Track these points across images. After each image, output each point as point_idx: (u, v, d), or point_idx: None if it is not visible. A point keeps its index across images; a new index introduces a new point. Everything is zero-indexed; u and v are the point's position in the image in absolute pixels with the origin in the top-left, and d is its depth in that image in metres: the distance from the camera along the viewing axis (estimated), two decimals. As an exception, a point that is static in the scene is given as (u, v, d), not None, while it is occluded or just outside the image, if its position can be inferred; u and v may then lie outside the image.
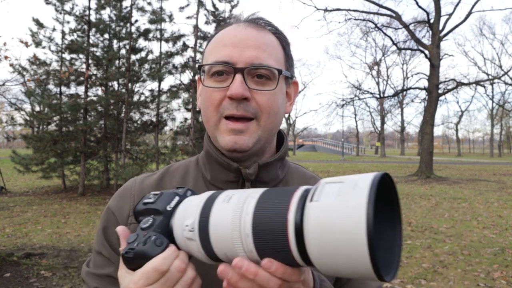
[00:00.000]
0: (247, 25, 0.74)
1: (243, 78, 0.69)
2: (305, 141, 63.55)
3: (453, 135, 58.91)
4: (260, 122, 0.72)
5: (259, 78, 0.71)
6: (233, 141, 0.71)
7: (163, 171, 0.86)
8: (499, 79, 20.81)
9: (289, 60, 0.78)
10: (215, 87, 0.72)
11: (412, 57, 40.83)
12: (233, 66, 0.70)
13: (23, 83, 10.86)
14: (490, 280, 4.22)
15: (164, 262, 0.54)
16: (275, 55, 0.74)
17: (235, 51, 0.70)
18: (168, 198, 0.60)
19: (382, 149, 41.32)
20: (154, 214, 0.59)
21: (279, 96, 0.74)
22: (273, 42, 0.75)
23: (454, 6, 16.18)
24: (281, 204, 0.47)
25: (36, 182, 13.46)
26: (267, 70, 0.71)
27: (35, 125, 12.18)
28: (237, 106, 0.70)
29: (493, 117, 44.41)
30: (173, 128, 12.36)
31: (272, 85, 0.72)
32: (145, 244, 0.55)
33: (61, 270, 4.42)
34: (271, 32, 0.76)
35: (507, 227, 6.80)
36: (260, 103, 0.71)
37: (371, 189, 0.40)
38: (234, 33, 0.72)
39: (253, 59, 0.70)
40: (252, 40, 0.71)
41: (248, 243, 0.48)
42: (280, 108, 0.75)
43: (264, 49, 0.72)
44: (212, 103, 0.72)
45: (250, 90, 0.70)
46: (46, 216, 7.76)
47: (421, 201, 9.79)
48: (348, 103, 22.56)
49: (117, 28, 11.95)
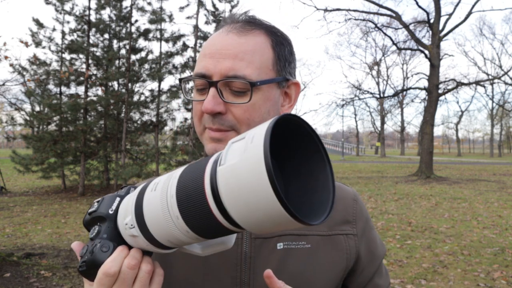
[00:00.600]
0: (229, 31, 0.71)
1: (218, 91, 0.68)
2: (305, 141, 63.33)
3: (453, 135, 58.97)
4: (240, 132, 0.70)
5: (235, 90, 0.69)
6: (213, 149, 0.71)
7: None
8: (499, 79, 20.81)
9: (282, 62, 0.74)
10: (196, 100, 0.72)
11: (412, 57, 40.87)
12: (208, 80, 0.68)
13: (23, 83, 10.86)
14: (490, 280, 4.21)
15: (112, 265, 0.53)
16: (257, 62, 0.70)
17: (211, 62, 0.69)
18: (109, 202, 0.60)
19: (382, 149, 41.32)
20: (99, 222, 0.59)
21: (262, 105, 0.71)
22: (257, 46, 0.70)
23: (454, 6, 16.19)
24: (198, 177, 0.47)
25: (36, 182, 13.46)
26: (242, 82, 0.68)
27: (35, 125, 12.18)
28: (213, 120, 0.69)
29: (493, 117, 44.43)
30: (173, 128, 12.37)
31: (247, 97, 0.69)
32: (92, 253, 0.55)
33: (61, 270, 4.42)
34: (262, 32, 0.72)
35: (507, 227, 6.80)
36: (237, 116, 0.69)
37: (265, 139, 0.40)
38: (214, 42, 0.71)
39: (228, 71, 0.67)
40: (229, 48, 0.69)
41: (181, 224, 0.49)
42: (265, 116, 0.72)
43: (241, 58, 0.68)
44: (196, 115, 0.73)
45: (226, 103, 0.69)
46: (46, 216, 7.76)
47: (421, 201, 9.79)
48: (348, 103, 22.57)
49: (117, 28, 11.95)
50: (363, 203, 0.87)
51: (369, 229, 0.84)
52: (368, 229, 0.84)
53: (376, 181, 15.05)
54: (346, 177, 16.92)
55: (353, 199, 0.83)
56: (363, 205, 0.85)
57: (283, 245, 0.73)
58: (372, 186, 13.33)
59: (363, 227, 0.82)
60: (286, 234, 0.74)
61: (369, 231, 0.84)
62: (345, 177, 16.69)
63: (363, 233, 0.81)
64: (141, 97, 12.11)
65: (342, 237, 0.78)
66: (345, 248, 0.78)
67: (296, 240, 0.74)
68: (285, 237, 0.74)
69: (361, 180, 15.28)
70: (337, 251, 0.77)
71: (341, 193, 0.82)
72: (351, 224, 0.80)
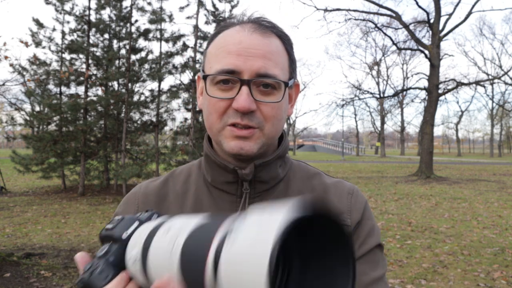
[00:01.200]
0: (252, 31, 0.72)
1: (249, 89, 0.69)
2: (305, 141, 63.57)
3: (453, 135, 58.94)
4: (264, 130, 0.72)
5: (265, 88, 0.70)
6: (239, 147, 0.71)
7: (168, 175, 0.87)
8: (499, 79, 20.81)
9: (293, 64, 0.77)
10: (220, 98, 0.71)
11: (412, 57, 40.86)
12: (239, 78, 0.69)
13: (23, 83, 10.87)
14: (490, 280, 4.22)
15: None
16: (281, 63, 0.73)
17: (240, 59, 0.69)
18: (126, 224, 0.57)
19: (382, 149, 41.32)
20: (112, 241, 0.57)
21: (283, 104, 0.74)
22: (278, 48, 0.73)
23: (454, 6, 16.19)
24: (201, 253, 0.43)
25: (36, 182, 13.46)
26: (271, 81, 0.70)
27: (35, 125, 12.19)
28: (242, 116, 0.70)
29: (493, 117, 44.42)
30: (173, 128, 12.37)
31: (278, 95, 0.71)
32: (90, 276, 0.54)
33: (61, 270, 4.42)
34: (275, 35, 0.74)
35: (507, 227, 6.80)
36: (265, 114, 0.71)
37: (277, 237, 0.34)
38: (239, 40, 0.71)
39: (259, 69, 0.69)
40: (258, 48, 0.70)
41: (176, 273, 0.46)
42: (283, 115, 0.75)
43: (269, 58, 0.70)
44: (216, 111, 0.72)
45: (256, 101, 0.70)
46: (46, 216, 7.76)
47: (421, 201, 9.79)
48: (348, 103, 22.58)
49: (117, 28, 11.95)
50: (363, 197, 0.84)
51: (365, 219, 0.81)
52: (365, 220, 0.81)
53: (376, 181, 15.05)
54: (346, 177, 16.93)
55: (348, 193, 0.82)
56: (359, 198, 0.82)
57: None
58: (372, 186, 13.33)
59: (357, 218, 0.79)
60: None
61: (365, 222, 0.81)
62: (345, 177, 16.69)
63: (358, 225, 0.79)
64: (141, 97, 12.10)
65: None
66: None
67: None
68: None
69: (361, 180, 15.28)
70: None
71: (337, 189, 0.82)
72: (345, 214, 0.79)
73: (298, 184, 0.81)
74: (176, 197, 0.81)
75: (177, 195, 0.82)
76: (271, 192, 0.78)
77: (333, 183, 0.84)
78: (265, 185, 0.77)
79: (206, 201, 0.78)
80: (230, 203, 0.77)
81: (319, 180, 0.84)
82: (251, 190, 0.76)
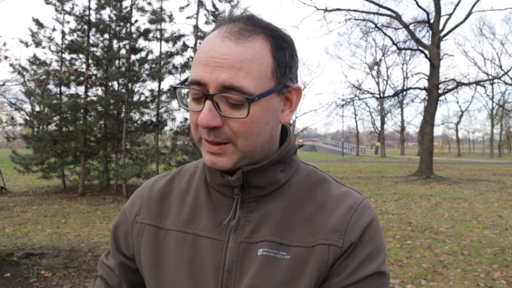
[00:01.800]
0: (225, 36, 0.66)
1: (214, 103, 0.65)
2: (305, 141, 63.53)
3: (453, 135, 58.94)
4: (237, 145, 0.68)
5: (232, 103, 0.65)
6: (211, 162, 0.69)
7: (176, 172, 0.88)
8: (499, 79, 20.79)
9: (282, 68, 0.69)
10: (192, 110, 0.69)
11: (412, 57, 40.90)
12: (203, 92, 0.65)
13: (23, 83, 10.86)
14: (490, 280, 4.21)
15: None
16: (255, 71, 0.65)
17: (206, 70, 0.65)
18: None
19: (382, 149, 41.32)
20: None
21: (260, 116, 0.68)
22: (255, 54, 0.66)
23: (454, 6, 16.19)
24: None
25: (36, 182, 13.46)
26: (239, 94, 0.64)
27: (35, 125, 12.17)
28: (208, 132, 0.67)
29: (493, 117, 44.42)
30: (173, 128, 12.35)
31: (244, 111, 0.65)
32: None
33: (61, 270, 4.42)
34: (261, 36, 0.68)
35: (507, 227, 6.80)
36: (234, 129, 0.66)
37: None
38: (209, 48, 0.66)
39: (224, 81, 0.64)
40: (226, 57, 0.64)
41: None
42: (263, 126, 0.68)
43: (239, 68, 0.64)
44: (193, 124, 0.71)
45: (222, 117, 0.66)
46: (46, 216, 7.76)
47: (421, 201, 9.79)
48: (348, 103, 22.57)
49: (117, 28, 11.95)
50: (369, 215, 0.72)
51: (364, 241, 0.70)
52: (364, 242, 0.70)
53: (376, 181, 15.04)
54: (346, 177, 16.92)
55: (350, 208, 0.72)
56: (363, 216, 0.72)
57: (263, 251, 0.70)
58: (372, 186, 13.33)
59: (353, 239, 0.69)
60: (270, 240, 0.70)
61: (363, 245, 0.70)
62: (345, 177, 16.69)
63: (352, 247, 0.69)
64: (141, 97, 12.10)
65: (323, 248, 0.68)
66: (322, 260, 0.68)
67: (277, 248, 0.70)
68: (268, 243, 0.70)
69: (361, 180, 15.28)
70: (314, 263, 0.68)
71: (339, 202, 0.73)
72: (339, 233, 0.69)
73: (299, 192, 0.75)
74: (178, 194, 0.82)
75: (180, 192, 0.82)
76: (268, 198, 0.74)
77: (338, 194, 0.75)
78: (261, 190, 0.74)
79: (204, 201, 0.78)
80: (226, 205, 0.76)
81: (323, 189, 0.76)
82: (246, 194, 0.74)
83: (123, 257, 0.83)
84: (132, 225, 0.82)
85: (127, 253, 0.83)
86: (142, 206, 0.82)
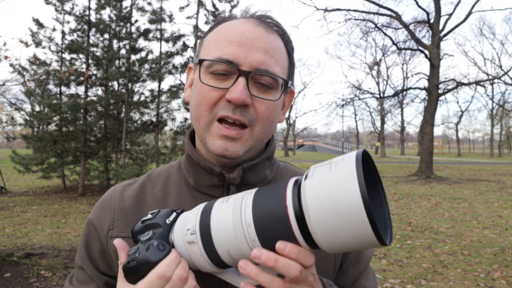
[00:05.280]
0: (257, 24, 0.67)
1: (246, 82, 0.64)
2: (305, 141, 63.57)
3: (453, 135, 58.95)
4: (254, 131, 0.67)
5: (262, 85, 0.66)
6: (223, 147, 0.66)
7: (145, 178, 0.81)
8: (499, 79, 20.78)
9: (292, 68, 0.73)
10: (214, 86, 0.66)
11: (412, 57, 40.84)
12: (238, 68, 0.64)
13: (23, 83, 10.86)
14: (490, 280, 4.21)
15: (168, 269, 0.53)
16: (281, 62, 0.68)
17: (241, 51, 0.64)
18: (166, 214, 0.62)
19: (382, 149, 41.32)
20: (153, 228, 0.60)
21: (278, 106, 0.70)
22: (281, 47, 0.69)
23: (454, 6, 16.19)
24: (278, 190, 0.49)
25: (36, 182, 13.46)
26: (272, 78, 0.66)
27: (35, 125, 12.19)
28: (234, 110, 0.65)
29: (493, 117, 44.41)
30: (173, 128, 12.36)
31: (275, 94, 0.67)
32: (147, 250, 0.55)
33: (61, 270, 4.42)
34: (278, 35, 0.70)
35: (507, 227, 6.79)
36: (259, 111, 0.66)
37: (357, 161, 0.44)
38: (242, 30, 0.66)
39: (260, 64, 0.64)
40: (261, 42, 0.66)
41: (250, 232, 0.50)
42: (276, 118, 0.71)
43: (271, 54, 0.66)
44: (207, 102, 0.66)
45: (252, 96, 0.65)
46: (46, 216, 7.76)
47: (421, 201, 9.79)
48: (348, 103, 22.55)
49: (117, 28, 11.95)
50: None
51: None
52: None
53: (376, 181, 15.03)
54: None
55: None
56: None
57: None
58: (372, 186, 13.31)
59: None
60: None
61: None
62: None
63: None
64: (141, 97, 12.11)
65: None
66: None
67: None
68: None
69: (361, 180, 15.27)
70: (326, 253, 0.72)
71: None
72: None
73: None
74: (154, 202, 0.76)
75: (156, 199, 0.76)
76: None
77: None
78: (252, 188, 0.73)
79: (188, 206, 0.71)
80: None
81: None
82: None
83: (107, 277, 0.74)
84: (107, 240, 0.74)
85: (108, 271, 0.75)
86: (116, 219, 0.74)
